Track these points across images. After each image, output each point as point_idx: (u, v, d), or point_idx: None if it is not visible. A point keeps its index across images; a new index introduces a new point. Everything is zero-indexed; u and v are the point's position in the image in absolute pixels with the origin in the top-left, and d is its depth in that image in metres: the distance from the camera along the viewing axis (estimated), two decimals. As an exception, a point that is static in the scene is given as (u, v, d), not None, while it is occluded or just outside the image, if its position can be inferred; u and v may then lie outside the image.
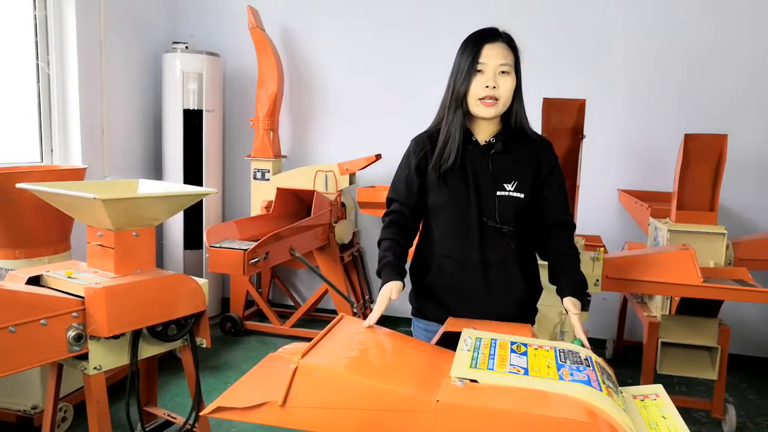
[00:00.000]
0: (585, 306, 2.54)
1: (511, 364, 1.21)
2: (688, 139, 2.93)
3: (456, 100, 1.61)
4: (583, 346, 1.37)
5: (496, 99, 1.58)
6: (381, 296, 1.55)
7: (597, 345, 4.08)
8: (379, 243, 1.71)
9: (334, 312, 4.12)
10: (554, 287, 1.65)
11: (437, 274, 1.69)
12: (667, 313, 2.93)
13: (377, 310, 1.51)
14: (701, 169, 2.94)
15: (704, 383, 3.55)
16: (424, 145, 1.69)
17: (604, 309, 4.00)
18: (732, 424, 2.98)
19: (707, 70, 3.80)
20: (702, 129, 3.45)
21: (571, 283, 1.60)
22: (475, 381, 1.15)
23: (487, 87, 1.57)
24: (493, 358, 1.24)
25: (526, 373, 1.18)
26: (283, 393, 1.16)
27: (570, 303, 1.56)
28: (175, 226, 4.20)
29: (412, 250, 1.78)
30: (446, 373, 1.19)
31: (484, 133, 1.68)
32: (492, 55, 1.57)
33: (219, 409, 1.21)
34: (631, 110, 3.95)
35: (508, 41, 1.61)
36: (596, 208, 3.96)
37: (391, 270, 1.61)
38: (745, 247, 3.13)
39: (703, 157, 2.92)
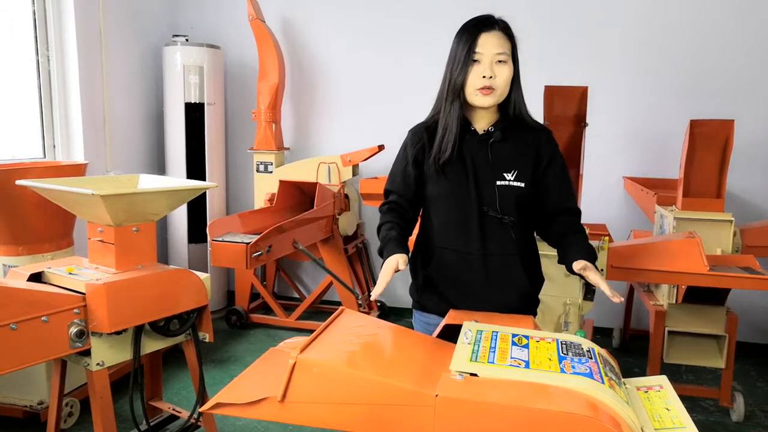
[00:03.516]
0: (590, 296, 2.54)
1: (512, 357, 1.20)
2: (694, 125, 2.89)
3: (453, 91, 1.59)
4: (585, 337, 1.35)
5: (493, 89, 1.56)
6: (386, 267, 1.51)
7: (604, 334, 4.06)
8: (379, 228, 1.69)
9: (339, 304, 4.11)
10: (557, 277, 1.63)
11: (437, 266, 1.67)
12: (674, 301, 2.91)
13: (383, 281, 1.47)
14: (707, 155, 2.90)
15: (712, 371, 3.52)
16: (422, 136, 1.67)
17: (611, 298, 3.97)
18: (740, 412, 2.96)
19: (713, 54, 3.74)
20: (708, 114, 3.41)
21: (578, 251, 1.55)
22: (475, 375, 1.14)
23: (483, 77, 1.55)
24: (494, 351, 1.22)
25: (527, 366, 1.16)
26: (282, 388, 1.15)
27: (578, 263, 1.51)
28: (179, 220, 4.20)
29: (411, 240, 1.76)
30: (446, 366, 1.17)
31: (482, 122, 1.65)
32: (488, 44, 1.54)
33: (218, 405, 1.20)
34: (635, 96, 3.90)
35: (505, 29, 1.58)
36: (601, 197, 3.93)
37: (394, 244, 1.58)
38: (753, 233, 3.09)
39: (710, 143, 2.88)
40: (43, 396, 2.64)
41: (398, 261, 1.51)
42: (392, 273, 1.50)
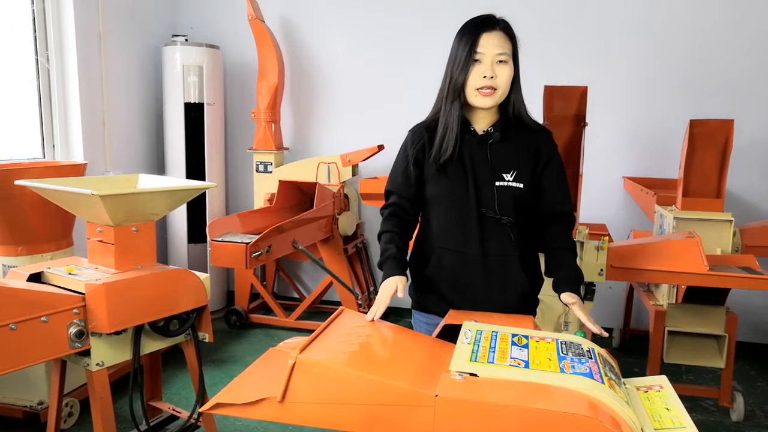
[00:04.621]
0: (589, 296, 2.54)
1: (511, 357, 1.19)
2: (694, 124, 2.88)
3: (453, 91, 1.59)
4: (585, 337, 1.35)
5: (494, 89, 1.56)
6: (385, 291, 1.54)
7: (603, 334, 4.06)
8: (380, 236, 1.70)
9: (339, 304, 4.11)
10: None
11: (436, 267, 1.67)
12: (674, 301, 2.91)
13: (382, 305, 1.50)
14: (707, 155, 2.90)
15: (712, 371, 3.52)
16: (422, 136, 1.67)
17: (611, 298, 3.98)
18: (740, 412, 2.96)
19: (713, 54, 3.74)
20: (708, 114, 3.41)
21: (566, 278, 1.58)
22: (475, 375, 1.14)
23: (484, 77, 1.54)
24: (494, 351, 1.22)
25: (527, 366, 1.16)
26: (282, 388, 1.15)
27: (568, 297, 1.54)
28: (179, 220, 4.20)
29: (411, 242, 1.76)
30: (446, 366, 1.17)
31: (482, 122, 1.65)
32: (489, 44, 1.54)
33: (218, 405, 1.20)
34: (634, 96, 3.90)
35: (506, 29, 1.58)
36: (601, 197, 3.93)
37: (394, 264, 1.60)
38: (753, 233, 3.09)
39: (709, 143, 2.88)
40: (43, 396, 2.64)
41: (397, 286, 1.53)
42: (390, 298, 1.53)
